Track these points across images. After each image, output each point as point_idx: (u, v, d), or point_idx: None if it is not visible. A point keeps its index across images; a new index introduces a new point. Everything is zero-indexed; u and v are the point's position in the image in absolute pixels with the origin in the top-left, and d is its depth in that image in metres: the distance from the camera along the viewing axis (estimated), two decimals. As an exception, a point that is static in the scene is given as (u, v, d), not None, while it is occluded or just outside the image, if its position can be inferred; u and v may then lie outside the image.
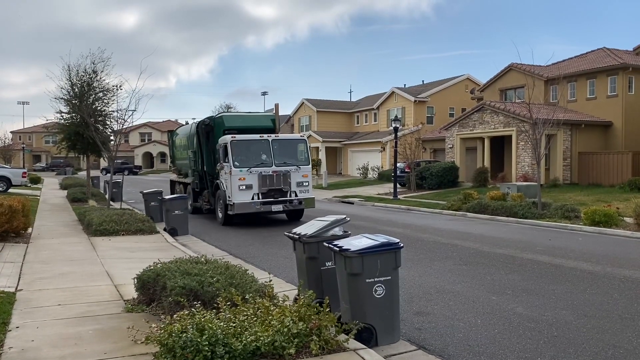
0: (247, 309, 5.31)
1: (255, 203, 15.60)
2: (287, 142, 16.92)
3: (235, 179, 15.52)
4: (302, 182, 16.33)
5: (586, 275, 9.02)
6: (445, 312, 7.06)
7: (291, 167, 16.17)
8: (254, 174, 15.66)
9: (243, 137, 16.10)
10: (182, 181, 22.02)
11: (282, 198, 15.97)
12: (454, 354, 5.59)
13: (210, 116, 19.24)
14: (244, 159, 15.82)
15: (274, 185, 15.84)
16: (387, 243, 5.81)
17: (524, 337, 6.04)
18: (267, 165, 15.92)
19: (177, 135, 23.50)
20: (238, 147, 15.84)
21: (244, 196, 15.54)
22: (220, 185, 16.63)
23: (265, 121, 19.03)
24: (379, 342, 5.68)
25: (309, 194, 16.57)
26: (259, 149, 16.21)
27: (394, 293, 5.82)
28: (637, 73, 27.82)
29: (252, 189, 15.59)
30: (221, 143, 16.30)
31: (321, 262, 6.58)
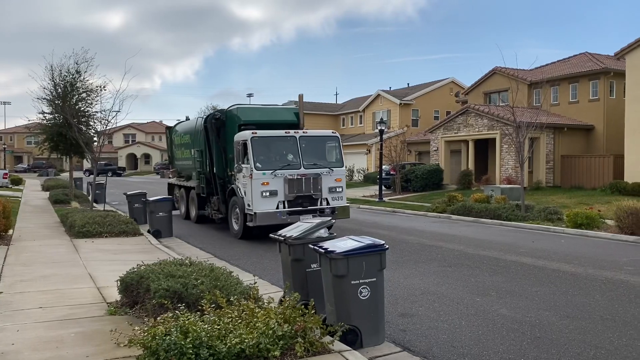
0: (232, 311, 5.27)
1: (281, 213, 12.96)
2: (317, 139, 14.31)
3: (257, 184, 12.91)
4: (335, 187, 13.70)
5: (568, 277, 9.13)
6: (429, 313, 7.09)
7: (322, 170, 13.53)
8: (280, 177, 13.05)
9: (266, 134, 13.45)
10: (184, 185, 18.87)
11: (311, 207, 13.32)
12: (439, 355, 5.61)
13: (221, 109, 16.29)
14: (267, 160, 13.32)
15: (303, 191, 13.25)
16: (372, 245, 5.82)
17: (508, 338, 6.09)
18: (294, 167, 13.35)
19: (177, 132, 20.39)
20: (260, 145, 13.27)
21: (267, 204, 12.93)
22: (236, 190, 13.95)
23: (287, 115, 15.73)
24: (364, 344, 5.68)
25: (342, 202, 13.92)
26: (285, 148, 13.79)
27: (379, 295, 5.83)
28: (618, 78, 28.25)
29: (277, 195, 13.04)
30: (238, 140, 13.58)
31: (307, 264, 6.57)
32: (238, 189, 13.87)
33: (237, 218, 14.13)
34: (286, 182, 13.05)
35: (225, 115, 15.38)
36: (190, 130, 18.11)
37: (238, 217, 13.96)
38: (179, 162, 19.94)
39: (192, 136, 17.65)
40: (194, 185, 17.26)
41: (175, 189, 20.41)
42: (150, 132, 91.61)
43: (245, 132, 13.53)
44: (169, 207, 14.80)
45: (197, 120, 17.34)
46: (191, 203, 18.06)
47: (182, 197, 19.34)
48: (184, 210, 18.82)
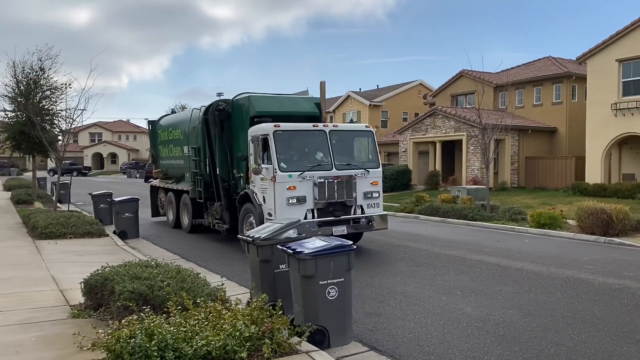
0: (199, 313, 5.24)
1: (310, 224, 10.61)
2: (350, 134, 12.13)
3: (281, 188, 10.61)
4: (371, 192, 11.49)
5: (531, 276, 9.35)
6: (396, 312, 7.17)
7: (357, 171, 11.34)
8: (308, 180, 10.76)
9: (291, 127, 11.22)
10: (173, 188, 16.24)
11: (345, 216, 11.13)
12: (405, 354, 5.68)
13: (224, 99, 13.55)
14: (292, 159, 11.10)
15: (335, 197, 10.98)
16: (340, 245, 5.86)
17: (472, 336, 6.21)
18: (324, 167, 11.07)
19: (163, 126, 17.65)
20: (284, 141, 10.97)
21: (293, 213, 10.42)
22: (252, 196, 11.52)
23: (307, 105, 13.22)
24: (332, 344, 5.71)
25: (379, 210, 11.65)
26: (312, 144, 11.51)
27: (347, 295, 5.87)
28: (580, 81, 29.06)
29: (306, 202, 10.73)
30: (257, 135, 11.11)
31: (275, 265, 6.57)
32: (254, 194, 11.43)
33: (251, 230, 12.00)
34: (316, 186, 10.79)
35: (232, 105, 13.03)
36: (182, 124, 15.64)
37: (253, 228, 10.93)
38: (166, 161, 17.39)
39: (184, 131, 15.27)
40: (187, 188, 15.02)
41: (161, 192, 17.96)
42: (117, 131, 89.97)
43: (265, 125, 11.16)
44: (135, 207, 14.55)
45: (192, 112, 14.75)
46: (183, 210, 15.65)
47: (170, 202, 16.71)
48: (173, 218, 16.35)
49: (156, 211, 18.21)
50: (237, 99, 13.00)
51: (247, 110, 12.32)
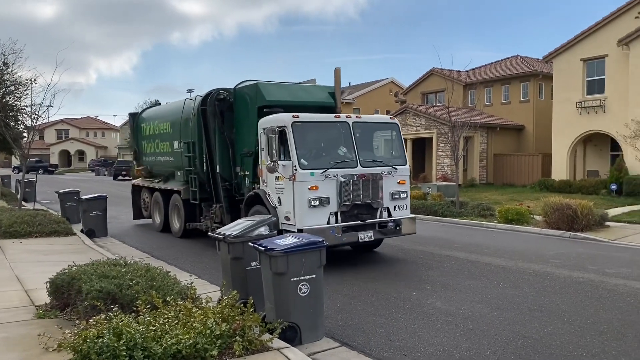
0: (168, 311, 5.19)
1: (334, 229, 9.32)
2: (374, 126, 10.85)
3: (302, 189, 9.26)
4: (398, 192, 10.26)
5: (499, 270, 9.53)
6: (367, 308, 7.22)
7: (384, 169, 10.06)
8: (332, 179, 9.44)
9: (311, 118, 9.91)
10: (161, 188, 14.73)
11: (371, 219, 9.87)
12: (376, 349, 5.73)
13: (225, 88, 12.12)
14: (312, 155, 9.78)
15: (361, 197, 9.66)
16: (312, 242, 5.88)
17: (442, 330, 6.30)
18: (349, 164, 9.77)
19: (148, 119, 15.95)
20: (304, 134, 9.64)
21: (316, 217, 9.29)
22: (265, 197, 10.08)
23: (321, 95, 11.85)
24: (303, 340, 5.73)
25: (407, 212, 10.50)
26: (333, 138, 10.23)
27: (319, 291, 5.88)
28: (547, 80, 29.71)
29: (329, 205, 9.43)
30: (272, 127, 9.54)
31: (246, 262, 6.54)
32: (267, 195, 10.04)
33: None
34: (340, 186, 9.46)
35: (234, 94, 11.66)
36: (171, 116, 14.07)
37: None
38: (151, 158, 15.69)
39: (175, 124, 13.74)
40: (178, 188, 13.60)
41: (144, 192, 16.23)
42: (85, 127, 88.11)
43: (282, 116, 9.81)
44: (103, 205, 14.28)
45: (185, 102, 13.29)
46: (173, 212, 14.16)
47: (156, 203, 15.15)
48: (161, 221, 14.83)
49: (139, 213, 16.66)
50: (242, 87, 11.59)
51: (254, 100, 10.91)
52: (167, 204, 14.43)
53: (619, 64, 23.20)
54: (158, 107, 16.21)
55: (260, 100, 10.78)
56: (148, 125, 15.75)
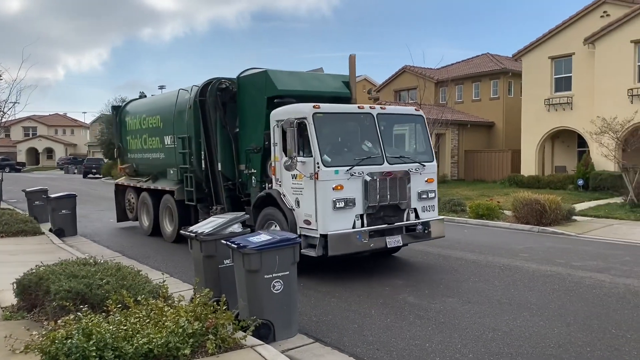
0: (140, 311, 5.12)
1: (361, 234, 8.35)
2: (399, 119, 9.85)
3: (325, 188, 8.21)
4: (426, 191, 9.32)
5: (470, 265, 9.68)
6: (341, 304, 7.26)
7: (411, 165, 9.11)
8: (357, 178, 8.43)
9: (334, 108, 8.94)
10: (148, 187, 13.56)
11: (399, 222, 8.92)
12: (349, 344, 5.77)
13: (227, 77, 11.02)
14: (335, 150, 8.85)
15: (387, 198, 8.69)
16: (285, 239, 5.88)
17: (414, 324, 6.37)
18: (375, 161, 8.78)
19: (133, 113, 14.64)
20: (326, 127, 8.65)
21: (341, 221, 8.29)
22: (279, 199, 8.94)
23: (335, 84, 10.79)
24: (277, 337, 5.73)
25: (435, 213, 9.54)
26: (357, 131, 9.34)
27: (292, 288, 5.89)
28: (516, 78, 30.25)
29: (355, 206, 8.42)
30: (289, 119, 8.42)
31: (219, 260, 6.51)
32: (281, 196, 8.93)
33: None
34: (366, 185, 8.47)
35: (238, 84, 10.56)
36: (162, 109, 12.95)
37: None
38: (138, 155, 14.40)
39: (166, 117, 12.60)
40: (171, 188, 12.41)
41: (129, 192, 14.83)
42: (54, 125, 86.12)
43: (301, 106, 8.77)
44: (72, 204, 13.99)
45: (179, 93, 12.07)
46: (164, 214, 12.93)
47: (144, 205, 13.88)
48: (150, 224, 13.59)
49: (123, 215, 15.20)
50: (247, 76, 10.49)
51: (263, 89, 9.82)
52: (157, 205, 13.21)
53: (585, 62, 23.76)
54: (145, 100, 14.89)
55: (270, 89, 9.69)
56: (134, 119, 14.44)
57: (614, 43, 22.25)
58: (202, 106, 10.97)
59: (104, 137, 44.70)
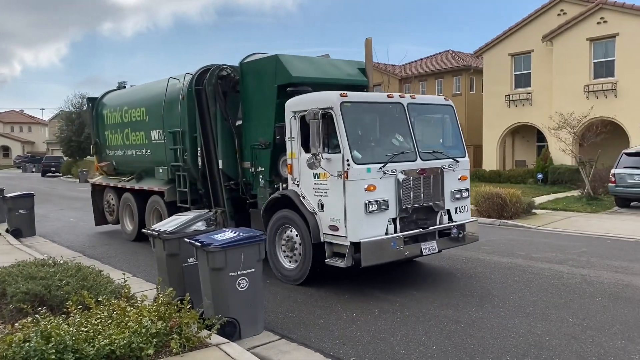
0: (101, 311, 5.03)
1: (396, 241, 7.37)
2: (429, 109, 8.85)
3: (356, 189, 7.20)
4: (460, 190, 8.41)
5: (434, 258, 9.80)
6: (307, 300, 7.28)
7: (445, 161, 8.23)
8: (389, 176, 7.46)
9: (363, 97, 7.97)
10: (132, 188, 12.36)
11: (432, 226, 7.98)
12: (315, 340, 5.79)
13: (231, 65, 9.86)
14: (363, 145, 7.73)
15: (422, 199, 7.78)
16: (250, 236, 5.86)
17: (380, 317, 6.44)
18: (407, 157, 7.79)
19: (110, 105, 13.41)
20: (354, 119, 7.61)
21: (374, 226, 7.30)
22: (298, 201, 7.91)
23: (351, 71, 9.56)
24: (243, 335, 5.70)
25: (468, 215, 8.67)
26: (386, 124, 8.30)
27: (258, 285, 5.87)
28: (477, 74, 30.82)
29: (388, 209, 7.43)
30: (313, 109, 7.19)
31: (183, 259, 6.43)
32: (301, 198, 7.90)
33: (292, 251, 8.14)
34: (400, 185, 7.51)
35: (241, 71, 9.34)
36: (149, 100, 11.64)
37: (295, 249, 8.09)
38: (119, 151, 13.08)
39: (153, 109, 11.34)
40: (160, 188, 11.16)
41: (109, 193, 13.55)
42: (10, 122, 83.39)
43: (327, 95, 7.69)
44: (30, 203, 13.58)
45: (169, 82, 10.82)
46: (152, 217, 11.70)
47: (126, 206, 12.66)
48: (134, 228, 12.36)
49: (101, 218, 13.94)
50: (252, 62, 9.29)
51: (273, 76, 8.64)
52: (142, 207, 11.94)
53: (543, 59, 24.39)
54: (126, 91, 13.58)
55: (283, 76, 8.48)
56: (113, 112, 13.13)
57: (570, 41, 22.92)
58: (198, 96, 9.82)
59: (64, 135, 43.52)
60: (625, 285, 7.71)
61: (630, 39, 21.32)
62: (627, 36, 21.42)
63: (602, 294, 7.27)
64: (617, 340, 5.60)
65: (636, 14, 21.18)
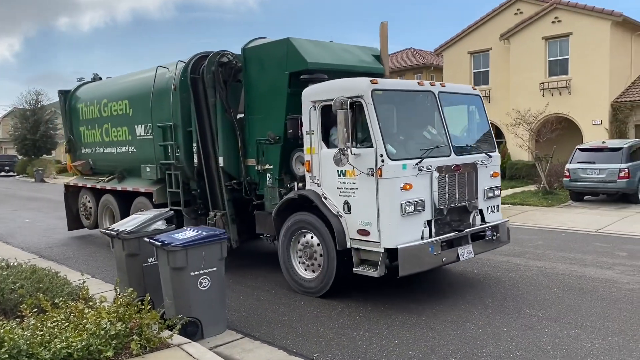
0: (58, 314, 4.90)
1: (434, 246, 6.66)
2: (459, 99, 8.03)
3: (391, 188, 6.43)
4: (492, 188, 7.79)
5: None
6: (271, 297, 7.27)
7: (478, 156, 7.56)
8: (425, 174, 6.73)
9: (392, 85, 7.20)
10: (114, 189, 11.16)
11: (467, 228, 7.26)
12: (279, 337, 5.79)
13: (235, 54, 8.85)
14: (396, 139, 6.99)
15: (457, 198, 7.09)
16: (212, 234, 5.81)
17: (343, 313, 6.49)
18: (441, 152, 7.06)
19: (86, 98, 12.19)
20: (386, 109, 6.85)
21: (410, 230, 6.58)
22: (321, 202, 7.06)
23: (366, 58, 8.74)
24: (205, 335, 5.67)
25: (499, 215, 8.05)
26: (416, 115, 7.56)
27: (220, 284, 5.84)
28: (438, 72, 31.27)
29: (424, 210, 6.71)
30: (341, 99, 6.39)
31: (143, 259, 6.33)
32: (322, 198, 7.05)
33: (310, 259, 7.28)
34: (435, 183, 6.79)
35: (245, 57, 8.37)
36: (133, 91, 10.53)
37: (314, 257, 7.23)
38: (96, 148, 11.87)
39: (139, 101, 10.28)
40: (147, 189, 10.03)
41: (85, 194, 12.36)
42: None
43: (355, 82, 6.85)
44: (-18, 204, 13.04)
45: (158, 71, 9.77)
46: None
47: (106, 209, 11.54)
48: None
49: (76, 222, 12.82)
50: (258, 47, 8.34)
51: (284, 63, 7.74)
52: (125, 210, 10.73)
53: (501, 57, 24.96)
54: (104, 82, 12.45)
55: (296, 62, 7.59)
56: (90, 106, 11.92)
57: (526, 39, 23.53)
58: (194, 86, 8.85)
59: (18, 133, 42.09)
60: (579, 276, 7.99)
61: (583, 38, 22.04)
62: (580, 35, 22.14)
63: (557, 285, 7.51)
64: (571, 329, 5.81)
65: (588, 13, 21.91)
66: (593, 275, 8.03)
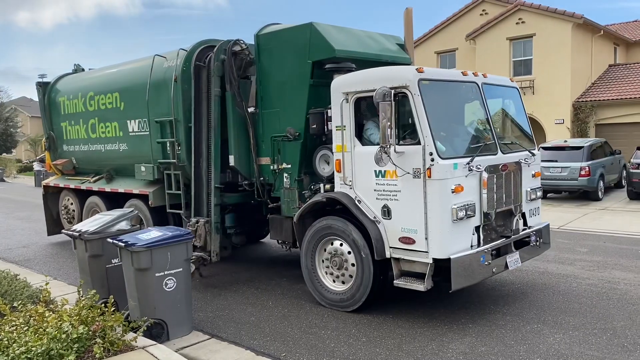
0: (17, 318, 4.75)
1: (485, 255, 6.01)
2: (501, 91, 7.27)
3: (442, 191, 5.71)
4: (534, 189, 7.23)
5: (365, 252, 10.01)
6: (239, 297, 7.22)
7: (522, 154, 6.94)
8: (474, 174, 6.02)
9: (439, 74, 6.41)
10: (102, 190, 10.16)
11: (514, 234, 6.63)
12: (246, 338, 5.75)
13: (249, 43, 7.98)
14: (444, 135, 6.14)
15: (504, 201, 6.42)
16: (177, 235, 5.74)
17: (311, 312, 6.49)
18: (489, 149, 6.42)
19: (66, 92, 11.08)
20: (435, 101, 6.01)
21: (460, 237, 5.90)
22: (355, 205, 6.32)
23: (391, 46, 7.98)
24: (171, 336, 5.59)
25: (540, 218, 7.47)
26: (462, 108, 6.87)
27: (186, 285, 5.77)
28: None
29: (474, 215, 6.02)
30: (384, 90, 5.59)
31: (106, 260, 6.21)
32: (356, 202, 6.32)
33: (339, 269, 6.57)
34: (485, 184, 6.11)
35: (258, 45, 7.56)
36: (126, 83, 9.50)
37: (344, 267, 6.53)
38: (81, 146, 10.76)
39: (132, 94, 9.21)
40: (142, 191, 9.06)
41: (67, 196, 11.44)
42: None
43: (400, 70, 6.33)
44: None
45: (155, 61, 8.76)
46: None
47: (92, 212, 10.24)
48: None
49: (56, 226, 11.73)
50: (275, 32, 7.51)
51: (306, 51, 6.96)
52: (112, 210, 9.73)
53: (467, 57, 25.38)
54: (89, 74, 11.24)
55: (322, 50, 6.82)
56: (73, 100, 10.78)
57: (492, 40, 23.98)
58: (197, 76, 7.97)
59: (-24, 131, 40.77)
60: (542, 272, 8.19)
61: (546, 39, 22.59)
62: (543, 36, 22.69)
63: (520, 282, 7.68)
64: (534, 324, 5.94)
65: (551, 15, 22.48)
66: (555, 271, 8.24)
